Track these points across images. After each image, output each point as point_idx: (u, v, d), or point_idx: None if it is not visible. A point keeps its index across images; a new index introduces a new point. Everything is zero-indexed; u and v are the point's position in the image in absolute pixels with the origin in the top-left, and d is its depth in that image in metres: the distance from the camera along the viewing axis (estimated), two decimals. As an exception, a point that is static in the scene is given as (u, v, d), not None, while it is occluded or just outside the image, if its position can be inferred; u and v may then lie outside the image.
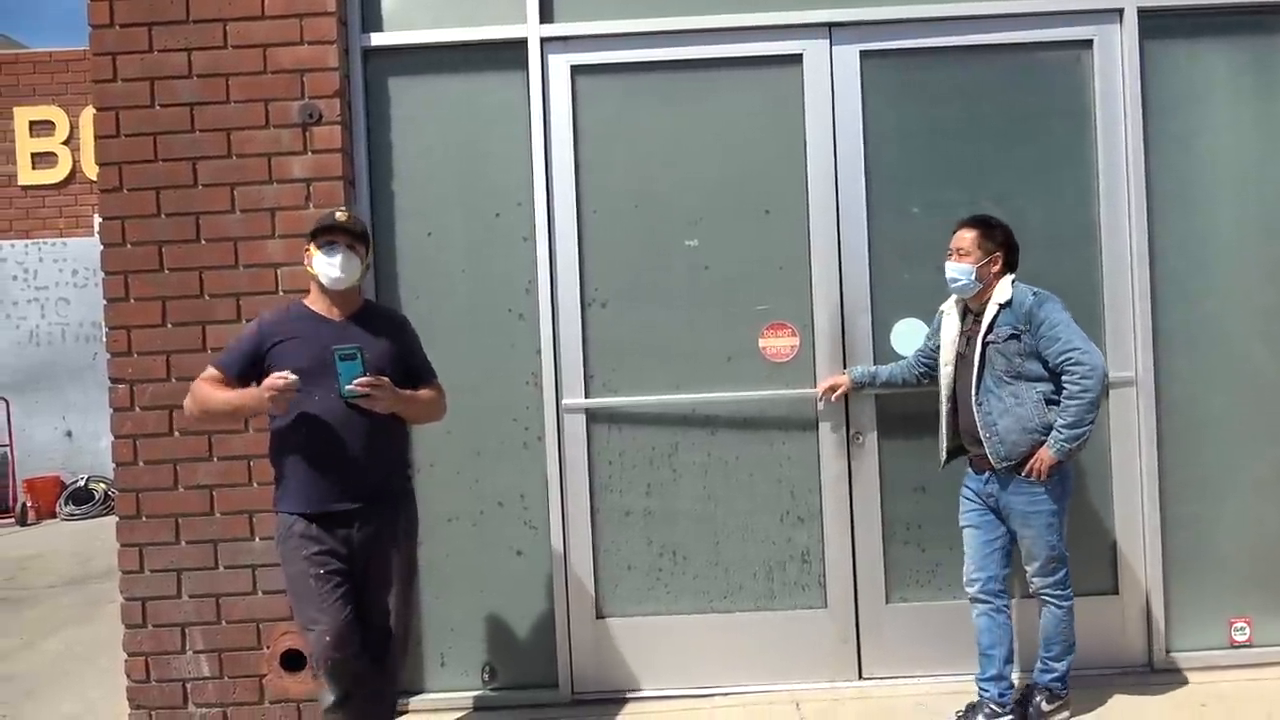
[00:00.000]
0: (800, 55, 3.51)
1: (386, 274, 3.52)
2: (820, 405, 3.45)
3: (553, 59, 3.50)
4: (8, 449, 8.46)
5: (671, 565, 3.50)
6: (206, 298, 3.34)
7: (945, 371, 3.10)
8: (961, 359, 3.08)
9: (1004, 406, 2.95)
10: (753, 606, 3.50)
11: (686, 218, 3.51)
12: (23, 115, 8.88)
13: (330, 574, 2.64)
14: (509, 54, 3.50)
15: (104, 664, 4.26)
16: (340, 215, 2.78)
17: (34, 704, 3.95)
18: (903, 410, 3.47)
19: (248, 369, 2.71)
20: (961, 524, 3.14)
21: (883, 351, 3.48)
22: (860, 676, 3.48)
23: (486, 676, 3.51)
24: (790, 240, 3.49)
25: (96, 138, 3.40)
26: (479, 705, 3.47)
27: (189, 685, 3.38)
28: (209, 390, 2.70)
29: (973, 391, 2.99)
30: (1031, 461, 2.92)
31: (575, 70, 3.50)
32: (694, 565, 3.50)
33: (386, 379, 2.68)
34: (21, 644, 4.80)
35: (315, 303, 2.80)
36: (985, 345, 2.98)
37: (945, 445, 3.13)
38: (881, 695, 3.41)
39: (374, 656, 2.75)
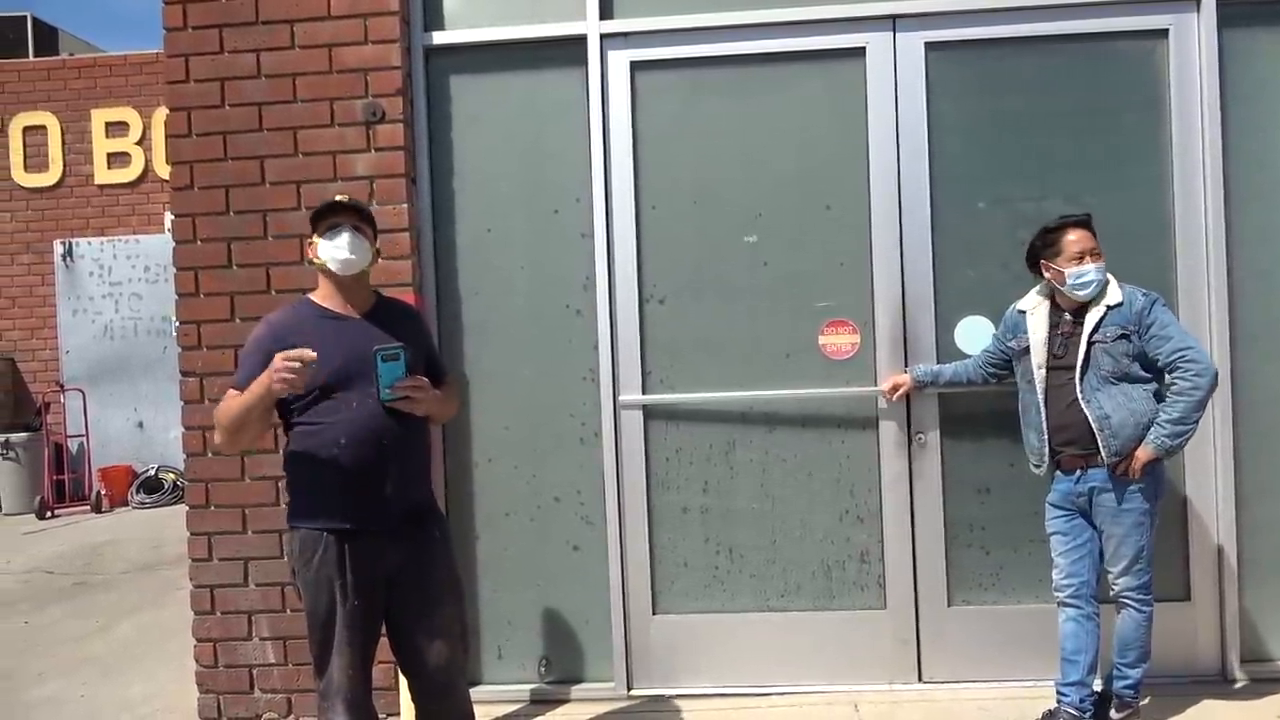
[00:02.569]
0: (863, 48, 3.45)
1: (446, 270, 3.55)
2: (881, 404, 3.39)
3: (612, 55, 3.49)
4: (84, 439, 8.76)
5: (728, 563, 3.48)
6: (273, 293, 3.41)
7: (1039, 374, 3.02)
8: (1056, 359, 3.00)
9: (1115, 403, 2.89)
10: (810, 606, 3.46)
11: (746, 214, 3.48)
12: (99, 117, 9.16)
13: (360, 607, 2.42)
14: (568, 51, 3.50)
15: (173, 648, 4.38)
16: (339, 197, 2.59)
17: (109, 684, 4.08)
18: (967, 410, 3.40)
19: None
20: (1049, 530, 3.06)
21: (946, 349, 3.41)
22: (920, 679, 3.42)
23: (543, 670, 3.52)
24: (851, 236, 3.44)
25: (169, 137, 3.49)
26: (535, 698, 3.49)
27: (255, 671, 3.45)
28: (223, 406, 2.44)
29: (1078, 391, 2.92)
30: (1128, 459, 2.87)
31: (634, 66, 3.49)
32: (751, 563, 3.48)
33: (426, 380, 2.50)
34: (98, 627, 4.97)
35: (328, 300, 2.53)
36: (1091, 345, 2.91)
37: (1046, 449, 3.03)
38: (943, 699, 3.34)
39: (439, 686, 2.53)
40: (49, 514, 8.28)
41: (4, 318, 9.26)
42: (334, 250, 2.46)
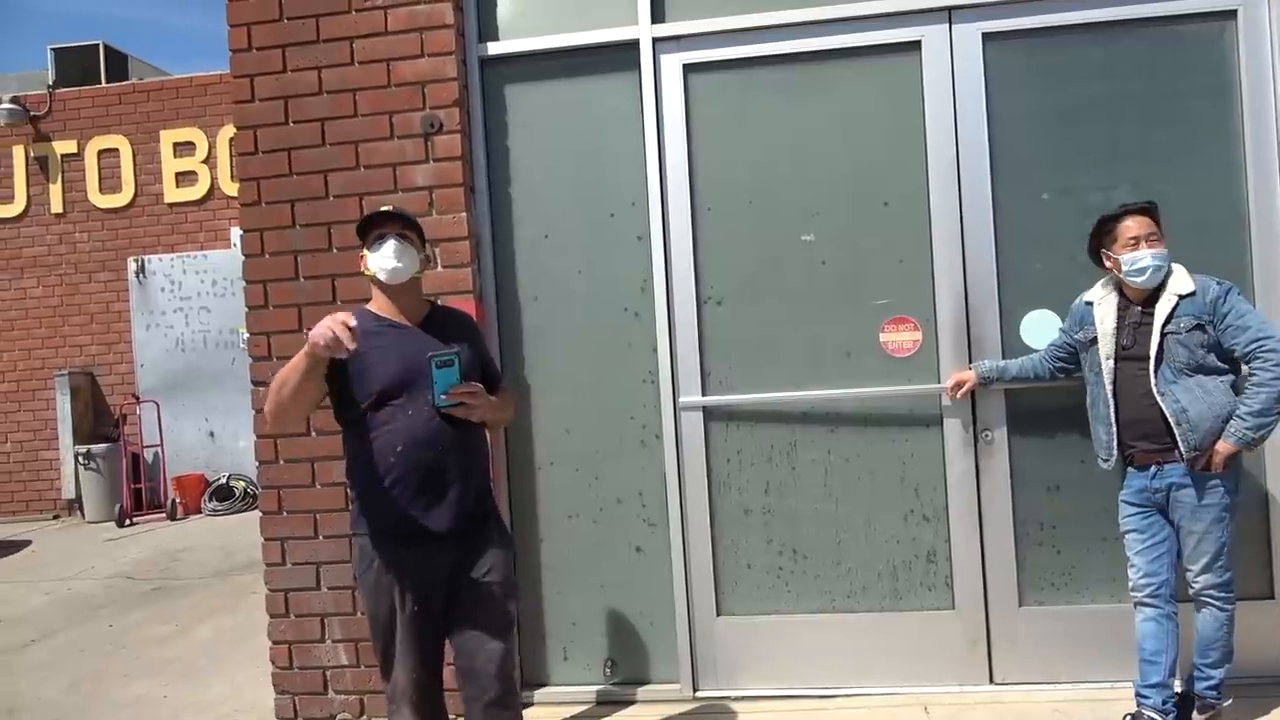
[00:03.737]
0: (918, 42, 3.40)
1: (505, 276, 3.59)
2: (945, 401, 3.34)
3: (665, 58, 3.50)
4: (159, 449, 9.04)
5: (792, 564, 3.45)
6: (339, 303, 3.47)
7: (1107, 366, 2.94)
8: (1125, 351, 2.92)
9: (1192, 396, 2.80)
10: (877, 607, 3.41)
11: (802, 213, 3.45)
12: (167, 138, 9.45)
13: (419, 612, 2.43)
14: (621, 56, 3.51)
15: (248, 651, 4.50)
16: (384, 208, 2.57)
17: (189, 686, 4.20)
18: (1035, 405, 3.32)
19: (328, 381, 2.44)
20: (1125, 528, 2.98)
21: (1011, 345, 3.34)
22: (991, 681, 3.35)
23: (608, 671, 3.54)
24: (911, 232, 3.39)
25: (237, 154, 3.59)
26: (601, 699, 3.50)
27: (328, 672, 3.53)
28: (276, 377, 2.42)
29: (1152, 384, 2.84)
30: (1206, 453, 2.79)
31: (688, 68, 3.49)
32: (815, 564, 3.44)
33: (481, 386, 2.49)
34: (177, 630, 5.12)
35: (383, 309, 2.54)
36: (1164, 336, 2.83)
37: (1115, 444, 2.96)
38: (1015, 701, 3.27)
39: (492, 688, 2.47)
40: (128, 521, 8.56)
41: (83, 334, 9.59)
42: (381, 260, 2.47)
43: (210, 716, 3.82)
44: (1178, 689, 2.98)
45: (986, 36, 3.37)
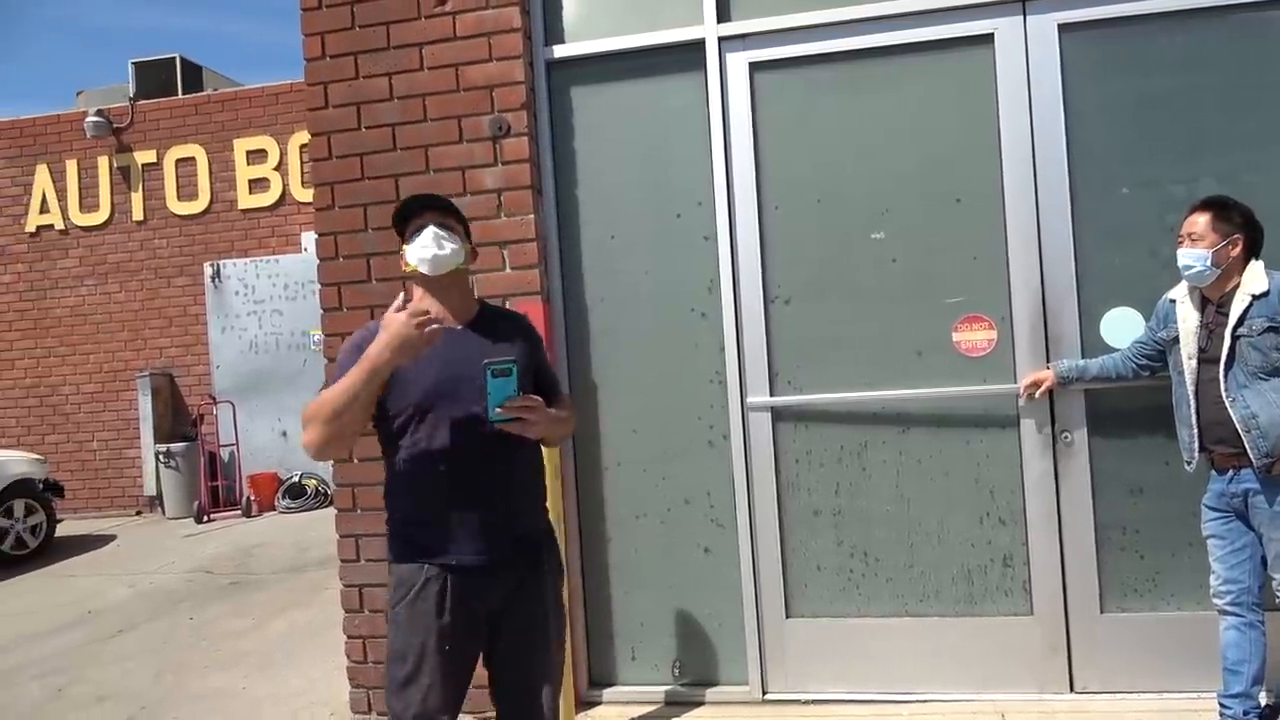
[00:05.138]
0: (991, 34, 3.30)
1: (572, 278, 3.58)
2: (1022, 402, 3.24)
3: (730, 57, 3.46)
4: (234, 448, 9.28)
5: (863, 566, 3.38)
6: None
7: (1189, 366, 2.83)
8: (1203, 353, 2.80)
9: (1264, 401, 2.67)
10: (951, 611, 3.33)
11: (872, 210, 3.38)
12: (241, 146, 9.70)
13: (457, 650, 2.14)
14: (687, 55, 3.48)
15: (323, 645, 4.58)
16: (422, 195, 2.32)
17: (266, 679, 4.29)
18: (1116, 406, 3.20)
19: None
20: (1205, 533, 2.86)
21: (1091, 344, 3.22)
22: (1072, 689, 3.24)
23: (677, 671, 3.51)
24: (984, 228, 3.29)
25: (311, 160, 3.65)
26: (670, 700, 3.47)
27: (401, 669, 3.55)
28: (321, 395, 2.11)
29: (1222, 387, 2.72)
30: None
31: (754, 67, 3.45)
32: (887, 567, 3.37)
33: (539, 398, 2.17)
34: (253, 624, 5.24)
35: (427, 307, 2.21)
36: (1235, 338, 2.71)
37: (1196, 445, 2.84)
38: (1098, 710, 3.15)
39: None
40: (205, 518, 8.80)
41: (163, 336, 9.90)
42: (420, 250, 2.18)
43: (288, 709, 3.89)
44: (1264, 700, 2.84)
45: (1062, 27, 3.27)
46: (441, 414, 2.11)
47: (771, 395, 3.42)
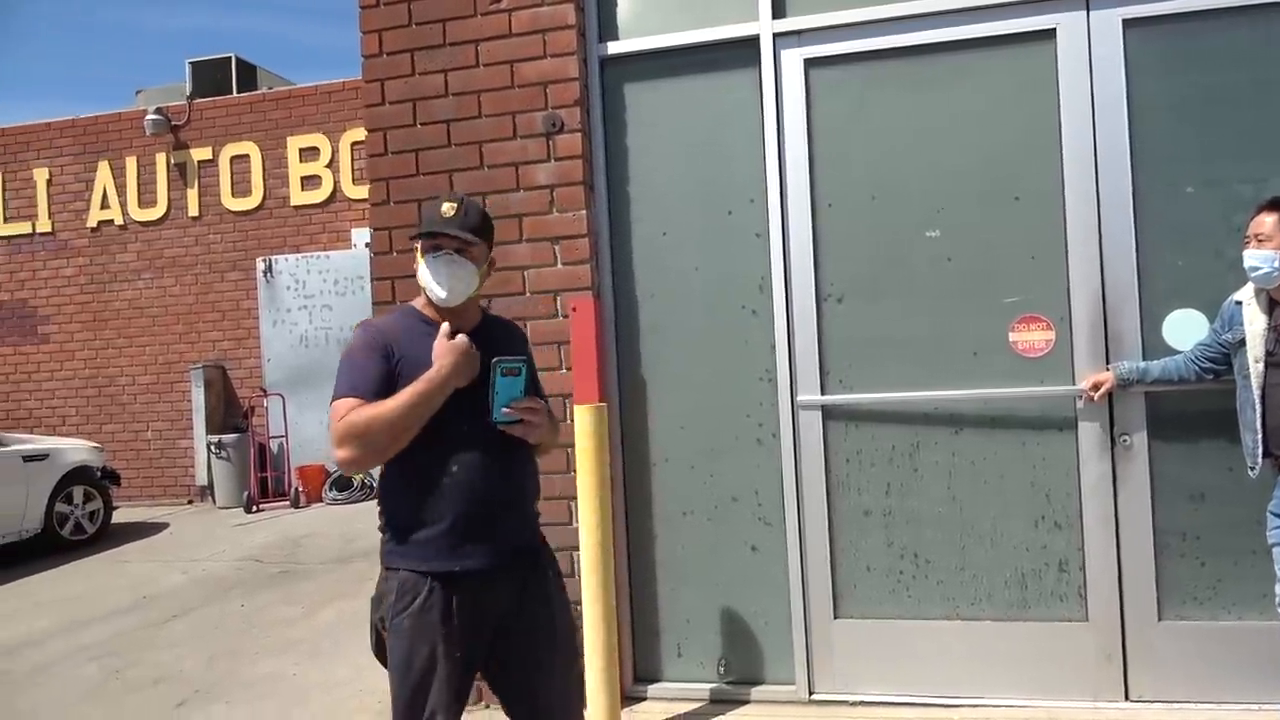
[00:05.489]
0: (1053, 30, 3.24)
1: (622, 274, 3.59)
2: (1080, 404, 3.17)
3: (785, 54, 3.43)
4: (284, 439, 9.44)
5: (913, 568, 3.34)
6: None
7: (1255, 369, 2.75)
8: (1270, 356, 2.73)
9: None
10: (1003, 615, 3.27)
11: (927, 208, 3.33)
12: (293, 144, 9.87)
13: (462, 660, 2.07)
14: (741, 52, 3.47)
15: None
16: (447, 208, 2.16)
17: (316, 666, 4.36)
18: (1178, 409, 3.13)
19: (385, 390, 2.05)
20: (1270, 541, 2.79)
21: (1153, 345, 3.14)
22: (1127, 698, 3.17)
23: (722, 669, 3.49)
24: (1043, 227, 3.23)
25: (368, 156, 3.69)
26: (715, 698, 3.46)
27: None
28: (371, 411, 2.00)
29: None
30: None
31: (809, 63, 3.42)
32: (938, 569, 3.32)
33: (543, 401, 2.19)
34: (302, 613, 5.32)
35: (432, 313, 2.19)
36: None
37: (1260, 450, 2.77)
38: (1153, 719, 3.08)
39: None
40: (255, 508, 8.96)
41: (216, 329, 10.11)
42: (430, 282, 2.13)
43: (337, 696, 3.95)
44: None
45: (1127, 23, 3.19)
46: (447, 415, 2.05)
47: (822, 394, 3.39)
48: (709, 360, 3.51)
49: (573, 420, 3.28)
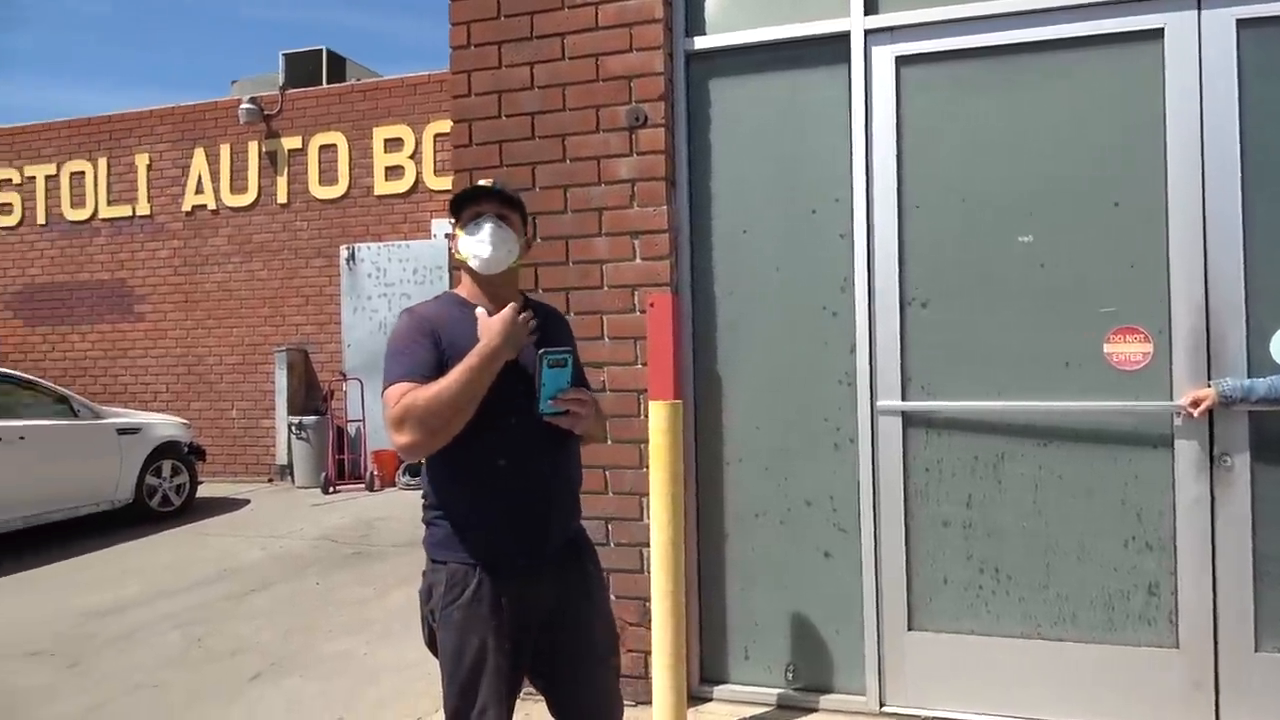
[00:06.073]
0: (1160, 30, 3.09)
1: (701, 271, 3.55)
2: (1178, 421, 3.02)
3: (876, 51, 3.35)
4: (361, 424, 9.65)
5: (993, 583, 3.23)
6: (540, 291, 3.54)
7: None
8: None
9: None
10: (1087, 637, 3.14)
11: (1019, 212, 3.22)
12: (379, 134, 10.08)
13: (511, 653, 2.06)
14: (830, 48, 3.40)
15: (440, 620, 4.69)
16: (482, 183, 2.22)
17: (387, 647, 4.44)
18: (1285, 430, 2.96)
19: (437, 374, 2.02)
20: None
21: (1259, 362, 2.97)
22: (1217, 730, 3.02)
23: (790, 675, 3.43)
24: (1144, 235, 3.09)
25: (452, 147, 3.73)
26: (782, 703, 3.40)
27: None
28: (427, 392, 1.96)
29: None
30: None
31: (900, 61, 3.33)
32: (1019, 586, 3.21)
33: (590, 393, 2.17)
34: (375, 594, 5.43)
35: (474, 298, 2.18)
36: None
37: None
38: (1246, 756, 2.93)
39: None
40: (331, 489, 9.20)
41: (299, 314, 10.40)
42: (475, 245, 2.12)
43: (406, 678, 4.01)
44: None
45: (1241, 23, 3.02)
46: (494, 405, 2.01)
47: (903, 400, 3.30)
48: (787, 360, 3.45)
49: (646, 416, 3.27)
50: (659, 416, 3.15)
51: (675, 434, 3.15)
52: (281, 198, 10.47)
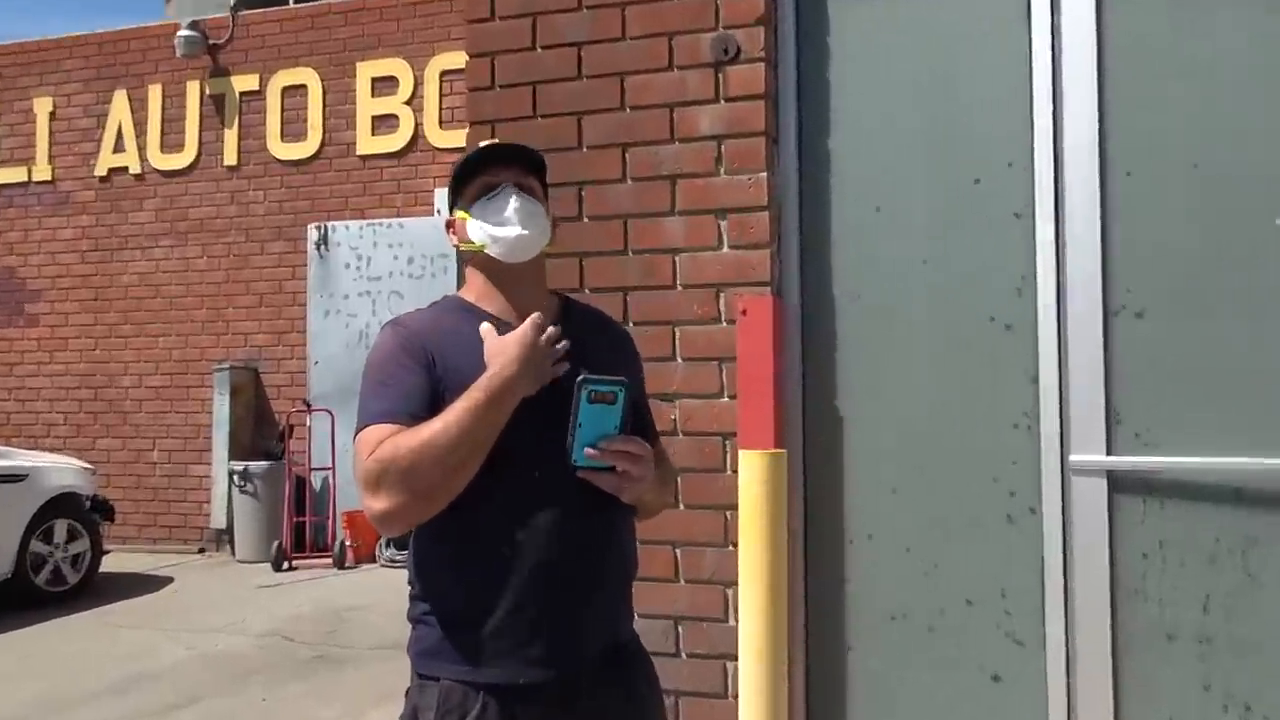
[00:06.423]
0: None
1: (815, 265, 3.55)
2: None
3: (1071, -55, 3.34)
4: (330, 473, 9.80)
5: (1243, 726, 3.16)
6: (587, 292, 3.57)
7: None
8: None
9: None
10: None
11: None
12: (365, 71, 10.30)
13: None
14: (1004, -50, 3.40)
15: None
16: (488, 142, 2.30)
17: (360, 792, 4.49)
18: None
19: (429, 412, 1.99)
20: None
21: None
22: None
23: None
24: None
25: (469, 90, 3.80)
26: None
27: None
28: (412, 439, 1.93)
29: None
30: None
31: (1107, -43, 3.32)
32: (1281, 731, 3.13)
33: (648, 444, 2.09)
34: (343, 714, 5.50)
35: (487, 301, 2.18)
36: None
37: None
38: None
39: None
40: (286, 564, 9.39)
41: (249, 319, 10.64)
42: (497, 227, 2.13)
43: (387, 835, 4.04)
44: None
45: None
46: (509, 456, 2.00)
47: (1109, 453, 3.25)
48: (937, 395, 3.44)
49: (735, 471, 3.27)
50: (753, 473, 3.15)
51: (776, 499, 3.14)
52: (230, 158, 10.75)
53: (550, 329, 2.05)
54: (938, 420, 3.43)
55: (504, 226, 2.12)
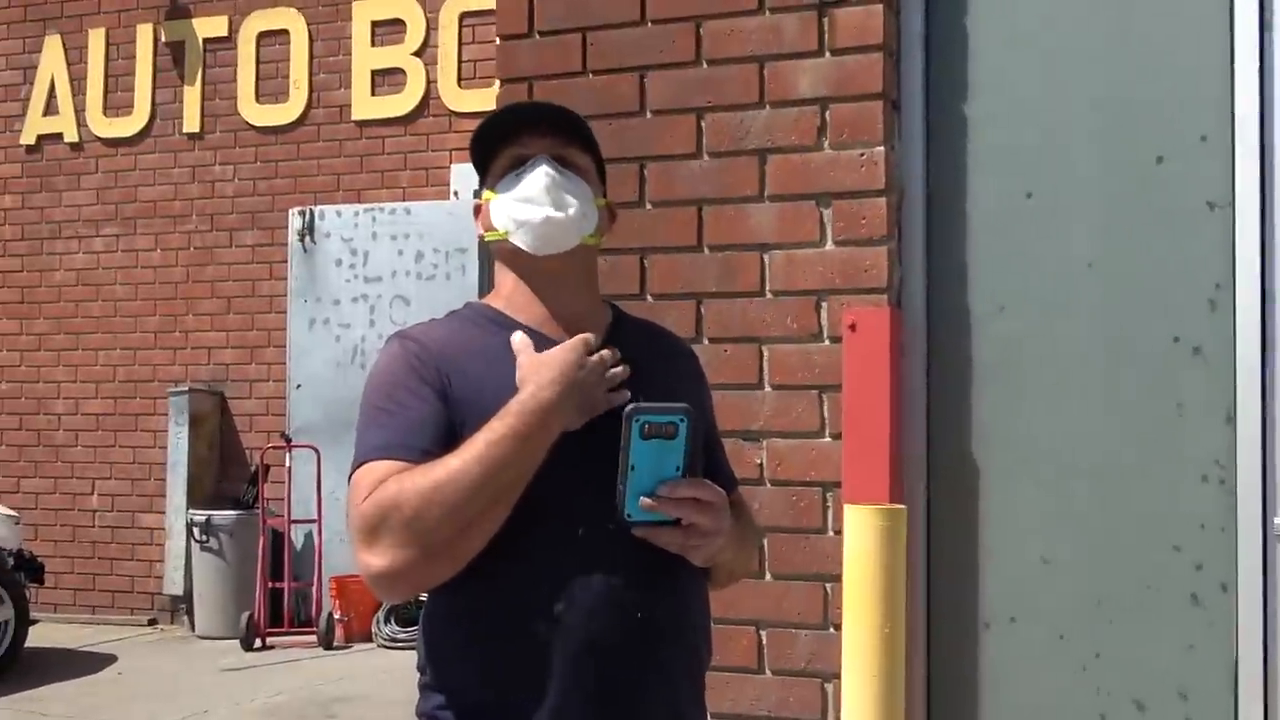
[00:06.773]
0: None
1: (945, 266, 3.58)
2: None
3: None
4: (314, 527, 9.82)
5: None
6: (649, 299, 3.60)
7: None
8: None
9: None
10: None
11: None
12: (362, 13, 10.32)
13: None
14: None
15: None
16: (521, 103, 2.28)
17: None
18: None
19: (442, 446, 1.98)
20: None
21: None
22: None
23: None
24: None
25: (501, 39, 3.86)
26: None
27: None
28: (419, 481, 1.91)
29: None
30: None
31: None
32: None
33: (721, 490, 2.05)
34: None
35: (519, 309, 2.17)
36: None
37: None
38: None
39: None
40: (259, 643, 9.40)
41: (214, 329, 10.69)
42: (522, 207, 2.12)
43: None
44: None
45: None
46: (547, 507, 1.99)
47: (1326, 516, 3.25)
48: (1104, 438, 3.44)
49: (839, 532, 3.29)
50: (864, 534, 3.16)
51: (893, 567, 3.15)
52: (191, 124, 10.84)
53: (605, 351, 2.03)
54: (1101, 468, 3.44)
55: (530, 206, 2.11)
